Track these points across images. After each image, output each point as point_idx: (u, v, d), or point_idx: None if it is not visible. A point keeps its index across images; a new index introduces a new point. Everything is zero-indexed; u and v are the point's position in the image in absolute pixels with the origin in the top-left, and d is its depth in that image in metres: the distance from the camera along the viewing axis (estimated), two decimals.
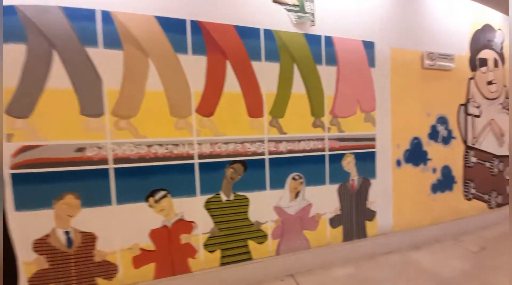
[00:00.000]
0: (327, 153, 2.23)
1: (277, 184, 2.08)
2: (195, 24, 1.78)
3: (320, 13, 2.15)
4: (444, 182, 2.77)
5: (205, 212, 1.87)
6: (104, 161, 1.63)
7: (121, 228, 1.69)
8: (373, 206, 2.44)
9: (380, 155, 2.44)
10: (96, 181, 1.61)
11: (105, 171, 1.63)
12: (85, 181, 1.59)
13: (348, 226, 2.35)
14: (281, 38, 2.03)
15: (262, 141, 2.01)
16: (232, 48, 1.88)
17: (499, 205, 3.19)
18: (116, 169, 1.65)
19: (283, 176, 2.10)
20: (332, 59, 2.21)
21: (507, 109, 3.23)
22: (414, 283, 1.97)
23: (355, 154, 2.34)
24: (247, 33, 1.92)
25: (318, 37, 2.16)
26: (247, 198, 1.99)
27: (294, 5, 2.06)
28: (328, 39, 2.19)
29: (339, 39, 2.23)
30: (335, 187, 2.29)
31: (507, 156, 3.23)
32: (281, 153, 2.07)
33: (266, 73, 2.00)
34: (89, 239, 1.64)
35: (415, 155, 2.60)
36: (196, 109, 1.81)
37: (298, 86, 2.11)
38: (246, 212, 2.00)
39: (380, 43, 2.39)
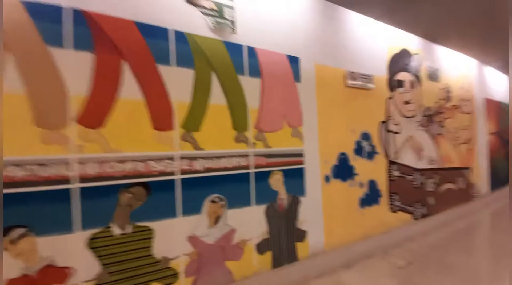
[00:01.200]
0: (252, 170, 2.03)
1: (192, 208, 1.77)
2: (79, 14, 1.44)
3: (242, 22, 2.04)
4: (371, 196, 2.83)
5: (88, 252, 1.43)
6: None
7: None
8: (303, 226, 2.30)
9: (309, 171, 2.36)
10: None
11: None
12: None
13: (278, 250, 2.14)
14: (196, 42, 1.82)
15: (171, 158, 1.70)
16: (131, 47, 1.58)
17: (423, 216, 3.41)
18: None
19: (200, 198, 1.81)
20: (255, 71, 2.08)
21: (424, 126, 3.58)
22: None
23: (283, 170, 2.20)
24: (153, 33, 1.66)
25: (239, 47, 2.02)
26: (150, 229, 1.62)
27: (211, 10, 1.89)
28: (251, 50, 2.07)
29: (263, 51, 2.13)
30: (262, 208, 2.08)
31: (426, 169, 3.53)
32: (197, 171, 1.79)
33: (178, 80, 1.74)
34: None
35: (343, 170, 2.60)
36: (77, 119, 1.42)
37: (217, 97, 1.89)
38: (149, 247, 1.62)
39: (304, 59, 2.38)
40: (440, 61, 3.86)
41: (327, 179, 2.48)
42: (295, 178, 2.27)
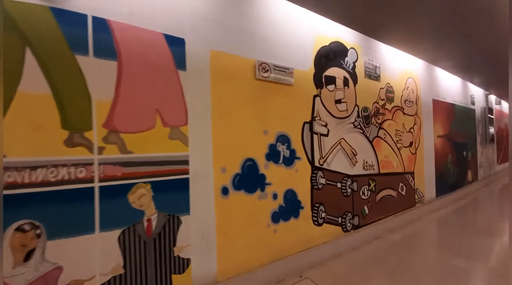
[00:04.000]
0: (97, 184, 1.51)
1: None
2: None
3: None
4: (288, 209, 2.42)
5: None
6: None
7: None
8: (185, 253, 1.82)
9: (197, 182, 1.88)
10: None
11: None
12: None
13: None
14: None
15: None
16: None
17: (355, 227, 3.08)
18: None
19: None
20: (108, 51, 1.57)
21: (360, 128, 3.26)
22: None
23: (153, 183, 1.70)
24: None
25: (81, 17, 1.49)
26: None
27: None
28: (101, 22, 1.55)
29: (122, 25, 1.62)
30: (114, 234, 1.57)
31: (360, 175, 3.22)
32: None
33: None
34: None
35: (249, 179, 2.15)
36: None
37: (34, 83, 1.35)
38: None
39: (194, 42, 1.91)
40: (381, 58, 3.59)
41: (224, 191, 2.02)
42: (174, 191, 1.78)
